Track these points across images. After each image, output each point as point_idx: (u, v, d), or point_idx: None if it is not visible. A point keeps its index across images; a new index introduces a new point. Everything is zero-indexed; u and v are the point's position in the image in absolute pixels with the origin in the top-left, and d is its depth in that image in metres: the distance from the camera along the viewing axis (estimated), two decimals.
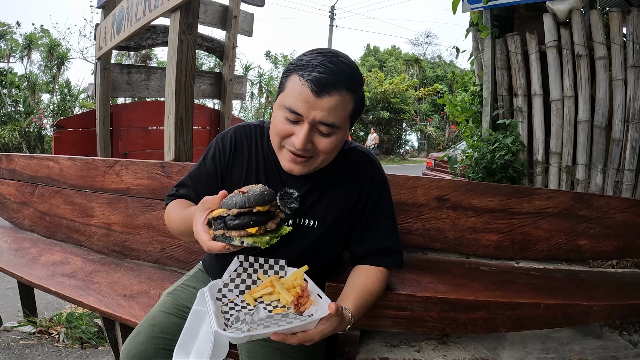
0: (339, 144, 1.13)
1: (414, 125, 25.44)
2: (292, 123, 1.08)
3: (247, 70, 21.71)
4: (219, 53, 4.69)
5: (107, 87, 3.91)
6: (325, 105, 1.03)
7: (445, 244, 1.78)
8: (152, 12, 2.52)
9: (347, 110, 1.08)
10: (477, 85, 3.44)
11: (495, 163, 2.92)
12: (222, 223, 0.98)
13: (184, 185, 1.32)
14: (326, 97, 1.02)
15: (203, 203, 1.04)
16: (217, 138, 1.31)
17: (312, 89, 1.01)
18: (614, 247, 1.77)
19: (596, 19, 2.70)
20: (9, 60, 17.86)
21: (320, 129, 1.07)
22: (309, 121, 1.04)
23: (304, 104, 1.03)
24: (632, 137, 2.63)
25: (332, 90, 1.02)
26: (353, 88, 1.07)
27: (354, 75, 1.07)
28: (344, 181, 1.25)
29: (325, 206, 1.24)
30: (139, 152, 4.44)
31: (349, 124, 1.13)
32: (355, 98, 1.09)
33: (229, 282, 1.15)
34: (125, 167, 2.13)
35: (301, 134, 1.06)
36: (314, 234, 1.25)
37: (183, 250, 2.00)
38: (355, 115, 1.14)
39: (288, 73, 1.09)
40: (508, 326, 1.37)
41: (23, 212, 2.63)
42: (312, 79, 1.01)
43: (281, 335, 0.94)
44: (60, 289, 1.84)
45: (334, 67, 1.03)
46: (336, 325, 1.00)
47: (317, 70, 1.02)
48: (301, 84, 1.03)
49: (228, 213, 0.97)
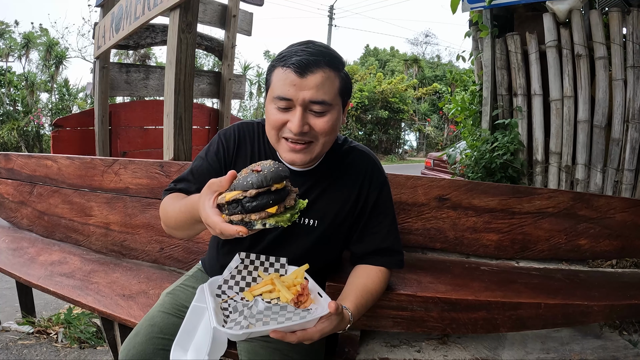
0: (335, 124, 1.14)
1: (413, 125, 25.43)
2: (284, 111, 1.10)
3: (246, 69, 21.68)
4: (218, 52, 4.68)
5: (105, 86, 3.89)
6: (311, 84, 1.06)
7: (446, 244, 1.78)
8: (151, 10, 2.51)
9: (334, 87, 1.11)
10: (477, 85, 3.44)
11: (494, 163, 2.92)
12: (239, 206, 0.91)
13: (184, 180, 1.29)
14: (310, 75, 1.06)
15: (209, 186, 0.97)
16: (219, 134, 1.31)
17: (295, 71, 1.05)
18: (613, 247, 1.77)
19: (596, 19, 2.70)
20: (7, 60, 17.81)
21: (313, 108, 1.09)
22: (299, 103, 1.07)
23: (290, 87, 1.06)
24: (632, 137, 2.63)
25: (315, 68, 1.06)
26: (335, 67, 1.10)
27: (334, 55, 1.11)
28: (343, 180, 1.25)
29: (325, 205, 1.24)
30: (137, 151, 4.43)
31: (341, 102, 1.15)
32: (340, 76, 1.13)
33: (229, 279, 1.14)
34: (124, 166, 2.12)
35: (295, 117, 1.08)
36: (314, 233, 1.24)
37: (182, 250, 1.99)
38: (345, 93, 1.16)
39: (271, 69, 1.13)
40: (508, 326, 1.37)
41: (21, 212, 2.62)
42: (294, 63, 1.05)
43: (280, 334, 0.92)
44: (58, 289, 1.83)
45: (312, 49, 1.08)
46: (336, 324, 0.99)
47: (297, 55, 1.06)
48: (284, 71, 1.07)
49: (244, 195, 0.90)
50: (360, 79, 22.45)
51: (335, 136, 1.21)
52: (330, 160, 1.25)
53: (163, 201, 1.26)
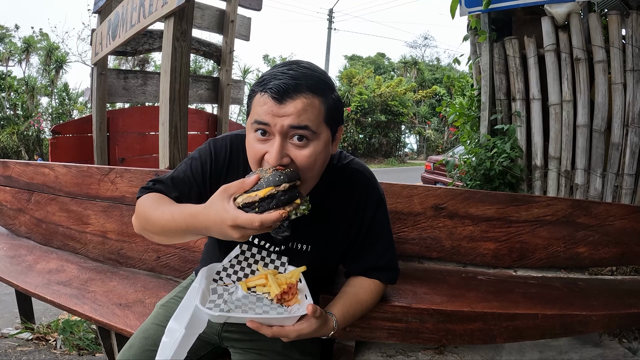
0: (321, 158, 1.04)
1: (413, 128, 25.45)
2: (263, 141, 1.01)
3: (246, 73, 21.73)
4: (216, 57, 4.69)
5: (103, 93, 3.90)
6: (290, 110, 0.96)
7: (442, 253, 1.76)
8: (147, 18, 2.51)
9: (318, 114, 1.00)
10: (475, 90, 3.42)
11: (493, 170, 2.90)
12: (273, 201, 0.92)
13: (162, 183, 1.20)
14: (289, 101, 0.96)
15: (226, 190, 0.95)
16: (210, 144, 1.22)
17: (273, 97, 0.96)
18: (613, 255, 1.76)
19: (595, 22, 2.69)
20: (7, 64, 17.88)
21: (294, 137, 0.99)
22: (277, 130, 0.97)
23: (268, 114, 0.97)
24: (632, 141, 2.62)
25: (294, 94, 0.96)
26: (320, 91, 1.00)
27: (319, 78, 1.00)
28: (337, 202, 1.20)
29: (318, 230, 1.19)
30: (135, 157, 4.43)
31: (328, 131, 1.05)
32: (327, 102, 1.01)
33: (228, 267, 1.16)
34: (120, 174, 2.12)
35: (273, 147, 0.98)
36: (307, 257, 1.20)
37: (178, 259, 1.99)
38: (333, 120, 1.05)
39: (251, 94, 1.04)
40: (505, 337, 1.36)
41: (19, 219, 2.62)
42: (272, 87, 0.96)
43: (256, 324, 0.94)
44: (55, 298, 1.83)
45: (293, 72, 0.98)
46: (316, 327, 0.99)
47: (277, 79, 0.97)
48: (263, 96, 0.98)
49: (278, 189, 0.93)
50: (359, 82, 22.46)
51: (323, 169, 1.09)
52: (324, 182, 1.15)
53: (142, 201, 1.16)
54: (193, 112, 4.91)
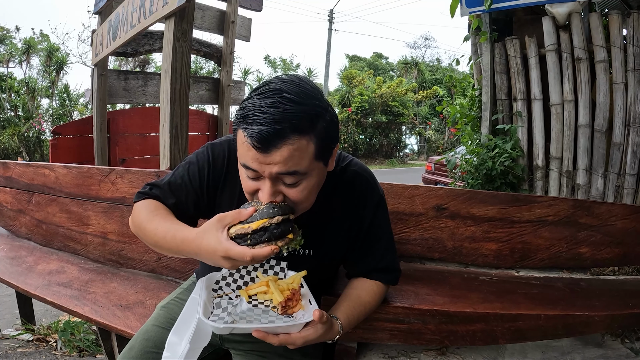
0: (314, 188, 1.03)
1: (414, 129, 25.43)
2: (255, 179, 0.98)
3: (246, 74, 21.76)
4: (217, 58, 4.69)
5: (104, 94, 3.90)
6: (276, 159, 0.91)
7: (444, 254, 1.76)
8: (147, 18, 2.51)
9: (307, 155, 0.94)
10: (476, 90, 3.42)
11: (495, 170, 2.90)
12: (265, 234, 0.92)
13: (159, 188, 1.19)
14: (274, 150, 0.90)
15: (221, 220, 0.94)
16: (208, 149, 1.19)
17: (256, 147, 0.90)
18: (615, 255, 1.75)
19: (596, 22, 2.69)
20: (8, 65, 17.91)
21: (284, 180, 0.96)
22: (267, 175, 0.94)
23: (254, 161, 0.93)
24: (633, 141, 2.61)
25: (278, 142, 0.89)
26: (307, 129, 0.92)
27: (305, 113, 0.92)
28: (337, 206, 1.19)
29: (318, 235, 1.18)
30: (136, 158, 4.43)
31: (321, 163, 1.01)
32: (316, 136, 0.94)
33: (227, 276, 1.14)
34: (121, 175, 2.11)
35: (265, 188, 0.96)
36: (308, 262, 1.19)
37: (179, 260, 1.98)
38: (323, 154, 0.99)
39: (235, 127, 0.98)
40: (507, 338, 1.36)
41: (20, 220, 2.62)
42: (253, 136, 0.89)
43: (262, 333, 0.93)
44: (55, 299, 1.82)
45: (274, 111, 0.89)
46: (322, 333, 0.98)
47: (257, 122, 0.89)
48: (246, 142, 0.92)
49: (271, 222, 0.92)
50: (359, 83, 22.45)
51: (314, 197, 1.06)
52: (323, 188, 1.11)
53: (138, 207, 1.16)
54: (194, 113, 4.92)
